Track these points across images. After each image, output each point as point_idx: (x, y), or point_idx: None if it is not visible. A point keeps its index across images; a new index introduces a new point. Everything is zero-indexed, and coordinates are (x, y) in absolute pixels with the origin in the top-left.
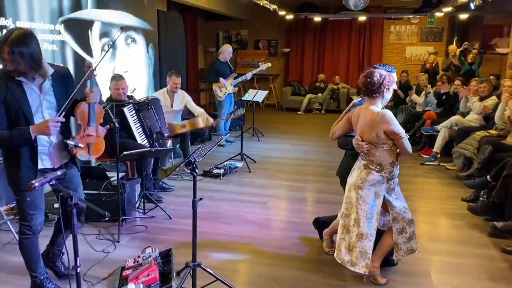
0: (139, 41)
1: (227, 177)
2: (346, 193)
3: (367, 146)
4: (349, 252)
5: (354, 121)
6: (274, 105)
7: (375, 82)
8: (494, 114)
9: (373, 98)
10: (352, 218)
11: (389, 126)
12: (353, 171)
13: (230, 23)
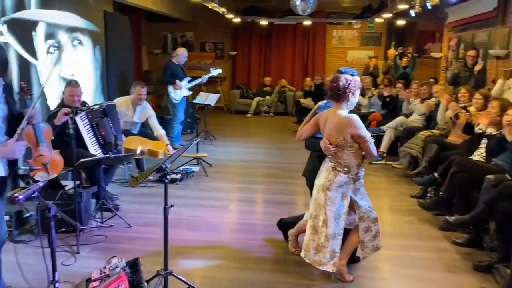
0: (85, 43)
1: (185, 182)
2: (315, 195)
3: (334, 148)
4: (318, 253)
5: (322, 124)
6: (223, 108)
7: (341, 86)
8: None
9: (339, 102)
10: (321, 219)
11: (356, 130)
12: (321, 173)
13: (175, 25)
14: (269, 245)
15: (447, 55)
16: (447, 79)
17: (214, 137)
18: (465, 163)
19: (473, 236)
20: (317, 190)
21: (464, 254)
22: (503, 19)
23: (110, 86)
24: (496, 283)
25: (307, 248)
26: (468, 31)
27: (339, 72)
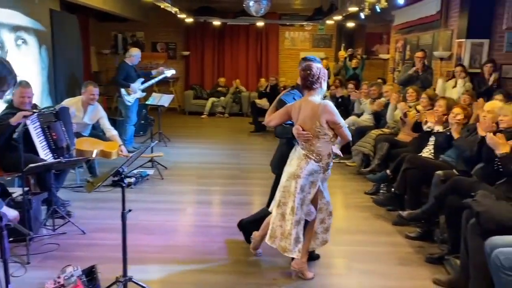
0: (30, 43)
1: (140, 186)
2: (284, 182)
3: (308, 134)
4: (284, 239)
5: (295, 113)
6: (176, 109)
7: (315, 73)
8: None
9: (313, 90)
10: (289, 206)
11: (332, 116)
12: (292, 160)
13: (125, 25)
14: (229, 247)
15: (394, 56)
16: (400, 80)
17: (168, 139)
18: (415, 160)
19: (425, 229)
20: (287, 177)
21: (417, 247)
22: (446, 22)
23: (58, 88)
24: (447, 273)
25: (274, 234)
26: (413, 33)
27: (305, 60)
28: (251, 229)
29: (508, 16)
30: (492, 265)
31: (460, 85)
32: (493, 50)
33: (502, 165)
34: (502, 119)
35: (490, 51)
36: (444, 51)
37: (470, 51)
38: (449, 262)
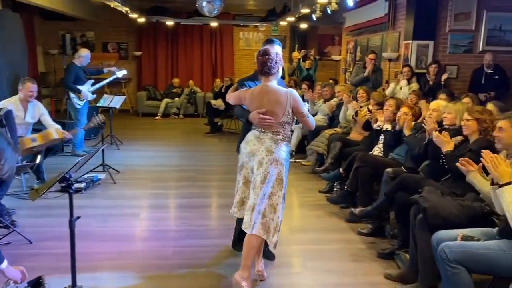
0: None
1: (91, 191)
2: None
3: (272, 119)
4: (275, 233)
5: (254, 99)
6: (129, 111)
7: (273, 58)
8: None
9: (271, 75)
10: (281, 194)
11: (297, 104)
12: (271, 148)
13: (74, 24)
14: (184, 251)
15: (345, 57)
16: (352, 82)
17: (121, 142)
18: (366, 158)
19: (376, 226)
20: (272, 166)
21: (369, 243)
22: (394, 24)
23: (1, 90)
24: (398, 268)
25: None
26: (363, 35)
27: (270, 42)
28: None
29: (450, 19)
30: (438, 258)
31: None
32: (438, 51)
33: (447, 162)
34: (446, 116)
35: (435, 52)
36: (392, 52)
37: (416, 52)
38: (400, 256)
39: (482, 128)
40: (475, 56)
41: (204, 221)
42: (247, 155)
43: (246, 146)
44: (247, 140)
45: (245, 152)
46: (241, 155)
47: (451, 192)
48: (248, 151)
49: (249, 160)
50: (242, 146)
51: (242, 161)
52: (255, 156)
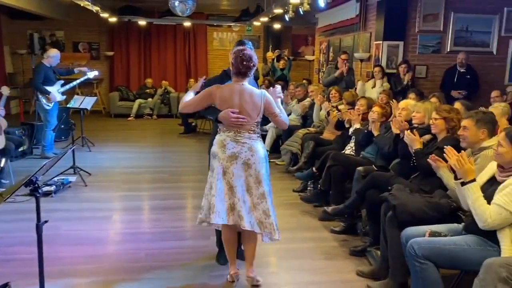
0: None
1: (61, 194)
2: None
3: (245, 118)
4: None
5: (222, 97)
6: (101, 112)
7: (255, 62)
8: (311, 113)
9: (245, 76)
10: (266, 189)
11: (271, 105)
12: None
13: (43, 23)
14: (157, 253)
15: (319, 57)
16: (325, 82)
17: (93, 144)
18: (338, 157)
19: (348, 223)
20: (256, 164)
21: (341, 241)
22: (365, 25)
23: None
24: (369, 265)
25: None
26: (336, 35)
27: (241, 43)
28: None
29: (419, 20)
30: (407, 254)
31: (379, 85)
32: (408, 52)
33: (416, 160)
34: (415, 115)
35: (404, 52)
36: (364, 52)
37: (387, 53)
38: (371, 253)
39: (450, 127)
40: (444, 56)
41: (178, 223)
42: (227, 159)
43: (224, 150)
44: (224, 144)
45: (225, 156)
46: (219, 160)
47: (420, 189)
48: (229, 155)
49: (231, 165)
50: (219, 151)
51: (222, 167)
52: (238, 159)
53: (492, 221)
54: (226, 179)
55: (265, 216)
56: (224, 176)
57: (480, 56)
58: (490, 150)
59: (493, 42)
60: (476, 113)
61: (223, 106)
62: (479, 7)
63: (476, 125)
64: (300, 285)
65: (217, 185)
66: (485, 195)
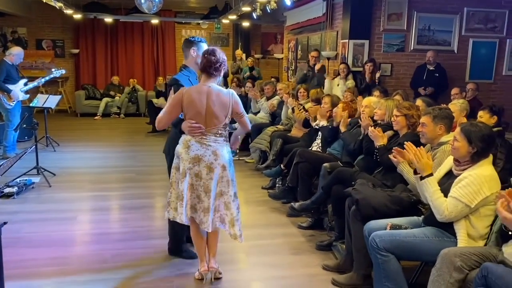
0: None
1: (23, 195)
2: (220, 173)
3: (201, 127)
4: (233, 227)
5: (189, 100)
6: (67, 111)
7: (219, 59)
8: (279, 112)
9: (213, 77)
10: (232, 193)
11: (237, 106)
12: (217, 151)
13: (4, 20)
14: (124, 253)
15: (287, 55)
16: (297, 79)
17: (57, 143)
18: (305, 154)
19: (315, 219)
20: (222, 168)
21: (308, 236)
22: (331, 23)
23: None
24: (335, 258)
25: (223, 221)
26: (304, 34)
27: (190, 41)
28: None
29: (384, 19)
30: (370, 247)
31: (342, 83)
32: (373, 50)
33: (379, 156)
34: (376, 112)
35: (370, 51)
36: (331, 51)
37: (353, 51)
38: (337, 247)
39: (410, 123)
40: (407, 54)
41: (146, 222)
42: (190, 161)
43: (187, 151)
44: (188, 145)
45: (188, 157)
46: (181, 161)
47: (382, 184)
48: (192, 156)
49: (193, 166)
50: (182, 152)
51: (183, 167)
52: (201, 162)
53: (448, 213)
54: (187, 180)
55: (216, 212)
56: (185, 177)
57: (442, 54)
58: (448, 145)
59: (454, 41)
60: (433, 110)
61: (190, 109)
62: (441, 7)
63: (433, 121)
64: (268, 281)
65: (178, 184)
66: (442, 188)
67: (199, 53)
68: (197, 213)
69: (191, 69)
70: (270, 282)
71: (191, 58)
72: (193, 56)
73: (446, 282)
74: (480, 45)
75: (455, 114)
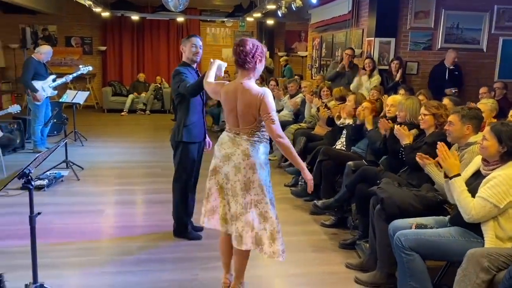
0: None
1: (53, 188)
2: (250, 176)
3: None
4: (273, 242)
5: (225, 98)
6: (94, 107)
7: (248, 51)
8: (302, 110)
9: (246, 70)
10: (267, 200)
11: (266, 107)
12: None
13: (35, 17)
14: (149, 246)
15: (311, 53)
16: (327, 76)
17: (85, 138)
18: (329, 152)
19: (338, 217)
20: (252, 171)
21: (331, 234)
22: (357, 21)
23: None
24: (358, 257)
25: (260, 241)
26: (329, 31)
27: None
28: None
29: (411, 17)
30: (394, 246)
31: (365, 79)
32: (399, 48)
33: (405, 155)
34: (398, 114)
35: (396, 49)
36: (356, 49)
37: (379, 49)
38: (360, 246)
39: (439, 123)
40: (434, 53)
41: (170, 216)
42: (221, 158)
43: (220, 148)
44: (221, 142)
45: (219, 155)
46: (214, 158)
47: (408, 183)
48: (223, 154)
49: (223, 165)
50: (215, 149)
51: (214, 165)
52: (230, 161)
53: (476, 213)
54: (216, 179)
55: (249, 228)
56: (214, 175)
57: (470, 53)
58: (476, 146)
59: (483, 39)
60: (462, 109)
61: (225, 107)
62: (470, 5)
63: (461, 120)
64: (290, 277)
65: (207, 183)
66: (470, 188)
67: (185, 48)
68: (228, 225)
69: (186, 63)
70: (292, 278)
71: (184, 54)
72: (183, 52)
73: (473, 282)
74: (510, 44)
75: (485, 114)
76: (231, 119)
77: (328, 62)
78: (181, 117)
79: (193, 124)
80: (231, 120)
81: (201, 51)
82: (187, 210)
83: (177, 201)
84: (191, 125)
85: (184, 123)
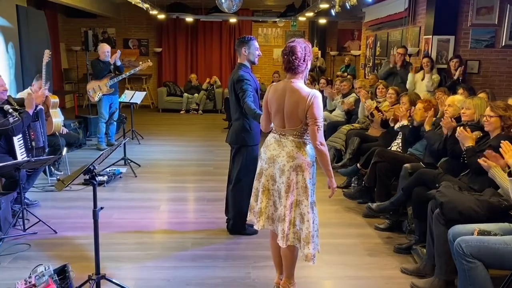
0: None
1: (112, 184)
2: (294, 178)
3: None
4: (307, 245)
5: (273, 96)
6: (149, 106)
7: (300, 57)
8: (356, 110)
9: (295, 73)
10: (308, 203)
11: (314, 111)
12: (292, 153)
13: (95, 21)
14: (203, 242)
15: (365, 52)
16: (380, 74)
17: (142, 137)
18: (384, 154)
19: (393, 221)
20: (296, 173)
21: (386, 238)
22: (414, 19)
23: (26, 85)
24: (414, 262)
25: (299, 240)
26: (383, 30)
27: (241, 42)
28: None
29: (472, 13)
30: (455, 253)
31: (428, 78)
32: (459, 46)
33: (467, 157)
34: (464, 112)
35: (456, 47)
36: (413, 47)
37: (437, 47)
38: (416, 251)
39: (506, 125)
40: (498, 51)
41: (223, 214)
42: (266, 161)
43: (265, 150)
44: (267, 144)
45: (265, 157)
46: (260, 161)
47: (469, 188)
48: (268, 156)
49: (268, 167)
50: (261, 151)
51: (260, 167)
52: (275, 163)
53: None
54: (262, 182)
55: (291, 225)
56: (261, 178)
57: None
58: None
59: None
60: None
61: (272, 107)
62: None
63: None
64: (343, 280)
65: (254, 184)
66: None
67: (249, 50)
68: (275, 224)
69: (247, 65)
70: (343, 281)
71: (243, 56)
72: (245, 54)
73: None
74: None
75: None
76: (277, 119)
77: (382, 61)
78: (243, 121)
79: (256, 126)
80: (277, 121)
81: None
82: (247, 208)
83: (239, 199)
84: (255, 128)
85: (249, 127)
